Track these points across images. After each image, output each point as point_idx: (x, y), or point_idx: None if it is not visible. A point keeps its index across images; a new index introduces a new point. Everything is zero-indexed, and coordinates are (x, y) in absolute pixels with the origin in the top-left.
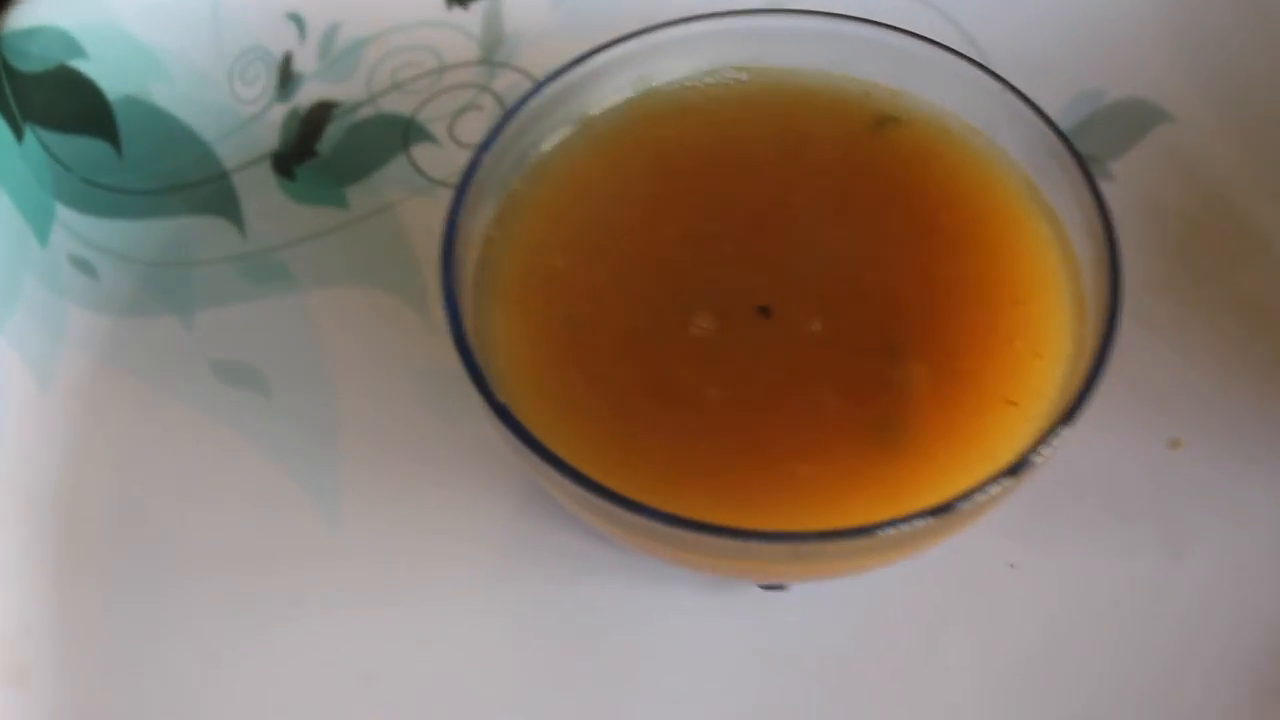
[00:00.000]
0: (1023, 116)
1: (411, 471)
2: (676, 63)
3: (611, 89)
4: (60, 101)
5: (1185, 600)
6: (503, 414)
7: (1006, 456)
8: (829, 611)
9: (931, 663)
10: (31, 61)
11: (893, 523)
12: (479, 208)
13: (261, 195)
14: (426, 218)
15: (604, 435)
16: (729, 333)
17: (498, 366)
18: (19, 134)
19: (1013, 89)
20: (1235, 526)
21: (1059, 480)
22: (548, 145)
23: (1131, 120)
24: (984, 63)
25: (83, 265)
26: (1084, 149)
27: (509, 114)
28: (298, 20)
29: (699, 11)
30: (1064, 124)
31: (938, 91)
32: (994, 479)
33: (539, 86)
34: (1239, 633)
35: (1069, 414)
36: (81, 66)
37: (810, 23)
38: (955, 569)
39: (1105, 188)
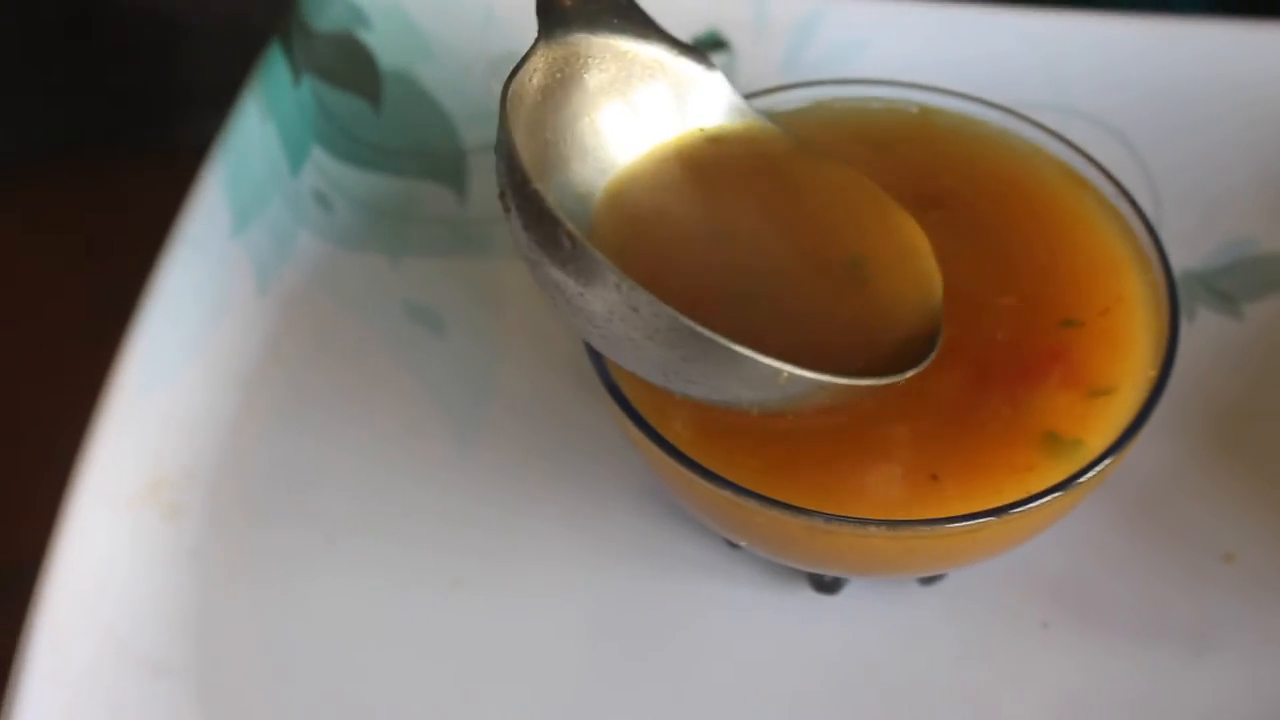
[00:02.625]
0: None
1: (543, 434)
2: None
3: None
4: (339, 62)
5: (1194, 693)
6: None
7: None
8: (871, 622)
9: (949, 692)
10: (322, 22)
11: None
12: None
13: (488, 176)
14: None
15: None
16: None
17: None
18: (297, 78)
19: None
20: (1262, 641)
21: (1108, 561)
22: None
23: (1276, 271)
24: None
25: (322, 199)
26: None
27: None
28: None
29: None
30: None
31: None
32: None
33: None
34: None
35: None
36: (364, 37)
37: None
38: (994, 613)
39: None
